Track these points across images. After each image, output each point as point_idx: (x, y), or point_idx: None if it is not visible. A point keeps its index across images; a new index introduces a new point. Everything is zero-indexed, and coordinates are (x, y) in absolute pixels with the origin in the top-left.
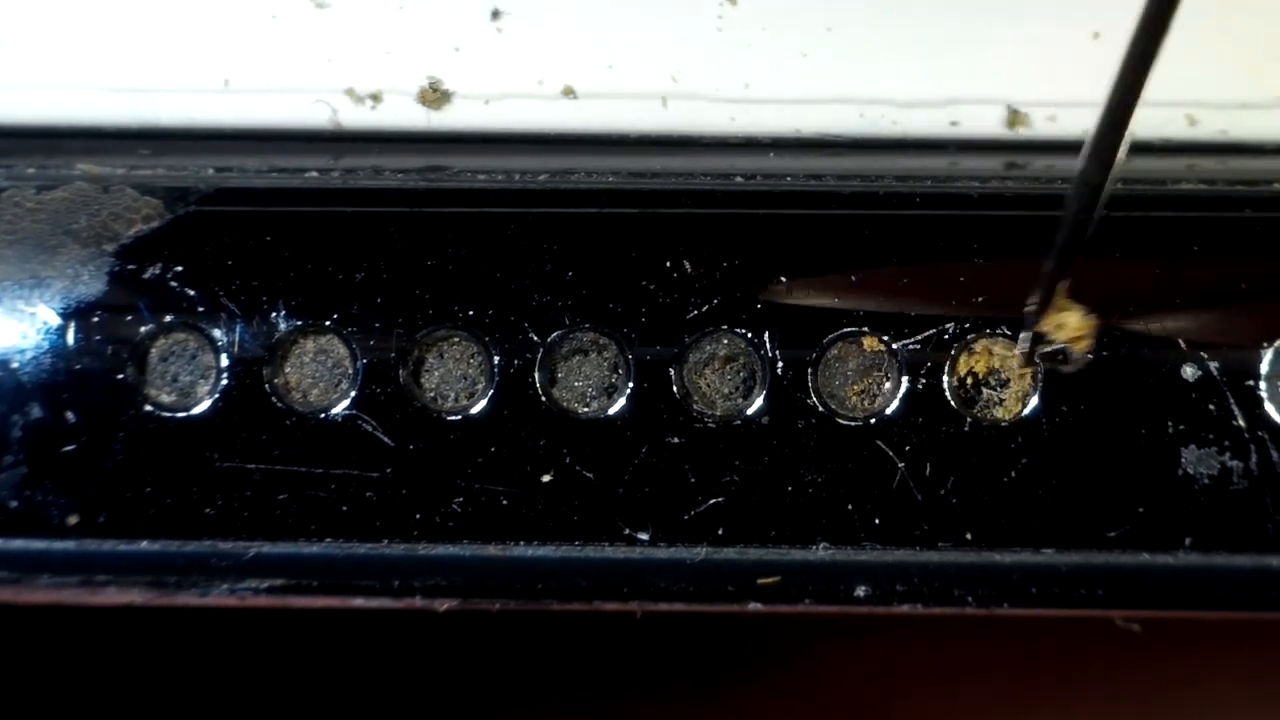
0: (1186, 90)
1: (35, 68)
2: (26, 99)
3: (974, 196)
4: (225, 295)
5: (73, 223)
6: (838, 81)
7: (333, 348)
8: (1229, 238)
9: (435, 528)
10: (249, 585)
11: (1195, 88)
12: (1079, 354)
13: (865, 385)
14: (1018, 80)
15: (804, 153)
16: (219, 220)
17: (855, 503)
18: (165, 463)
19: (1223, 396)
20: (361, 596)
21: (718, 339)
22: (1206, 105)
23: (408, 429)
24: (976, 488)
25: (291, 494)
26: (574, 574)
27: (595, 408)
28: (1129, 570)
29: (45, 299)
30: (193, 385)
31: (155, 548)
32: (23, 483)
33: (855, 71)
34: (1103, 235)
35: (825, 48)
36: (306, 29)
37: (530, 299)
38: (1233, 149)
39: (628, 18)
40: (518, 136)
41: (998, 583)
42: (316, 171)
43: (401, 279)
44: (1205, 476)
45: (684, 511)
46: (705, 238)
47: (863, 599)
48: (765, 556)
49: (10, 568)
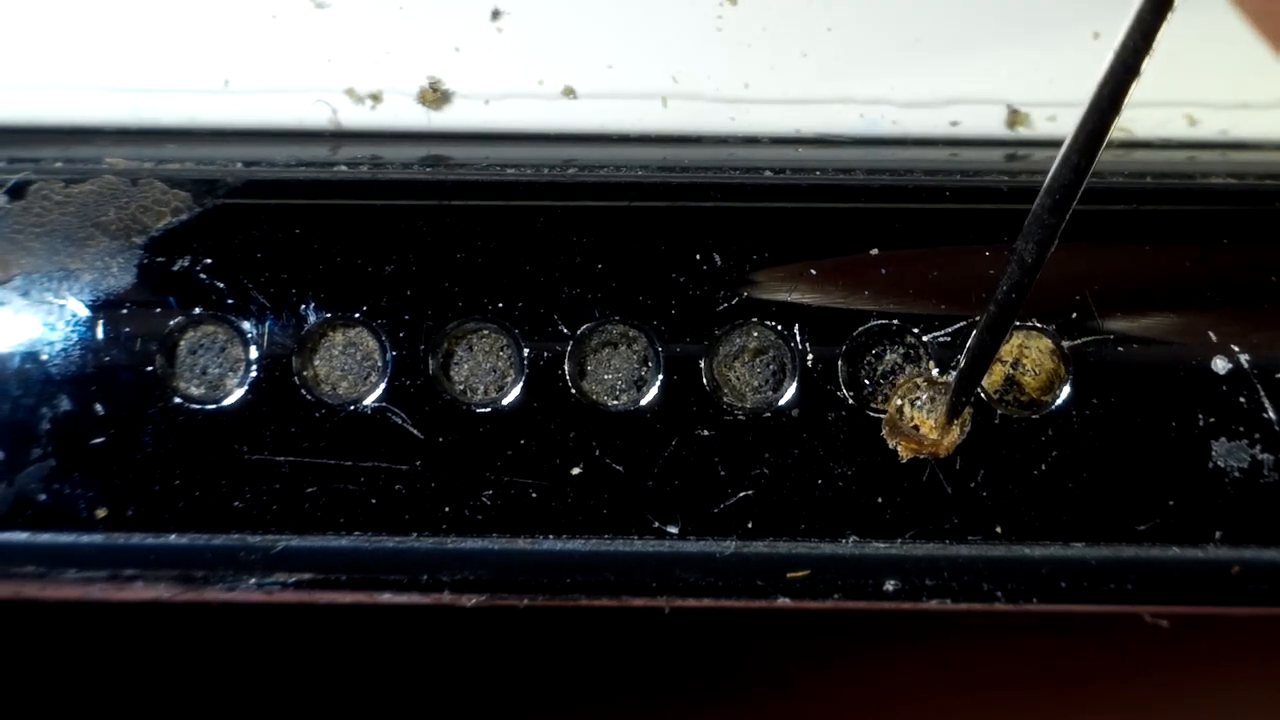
0: (1186, 90)
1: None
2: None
3: (1004, 190)
4: (254, 288)
5: (101, 215)
6: (838, 81)
7: (362, 340)
8: (1260, 230)
9: (464, 521)
10: (277, 579)
11: (1195, 88)
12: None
13: (895, 378)
14: (1018, 80)
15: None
16: (248, 213)
17: (885, 496)
18: (194, 456)
19: (1253, 389)
20: (390, 591)
21: (748, 331)
22: (1207, 105)
23: (437, 422)
24: (1007, 481)
25: (320, 487)
26: (603, 568)
27: (625, 400)
28: (1159, 564)
29: (74, 291)
30: (222, 378)
31: (183, 541)
32: (51, 476)
33: (855, 71)
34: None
35: (825, 48)
36: (306, 29)
37: (560, 292)
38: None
39: (628, 18)
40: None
41: (1027, 577)
42: (345, 165)
43: (431, 271)
44: (1236, 469)
45: (713, 505)
46: (735, 230)
47: (892, 593)
48: (795, 550)
49: (38, 562)
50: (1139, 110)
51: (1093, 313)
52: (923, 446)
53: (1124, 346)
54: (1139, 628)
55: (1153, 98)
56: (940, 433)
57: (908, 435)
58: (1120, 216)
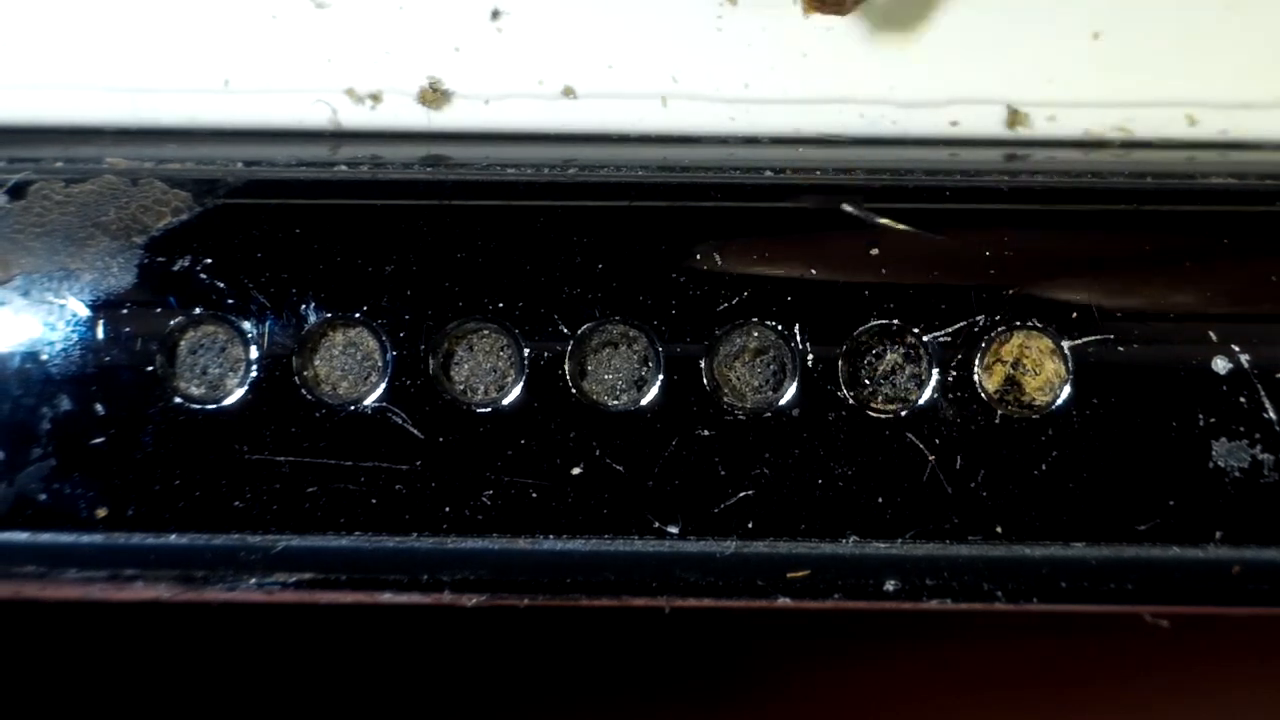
0: (1186, 90)
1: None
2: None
3: (1004, 190)
4: (255, 288)
5: (101, 215)
6: (838, 81)
7: (362, 340)
8: (1260, 230)
9: (464, 521)
10: (277, 579)
11: (1195, 88)
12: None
13: (895, 378)
14: (1018, 80)
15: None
16: (248, 213)
17: (885, 496)
18: (194, 456)
19: (1254, 389)
20: (390, 591)
21: (748, 331)
22: (1206, 105)
23: (437, 422)
24: (1007, 481)
25: (320, 487)
26: (603, 568)
27: (625, 400)
28: (1159, 564)
29: (74, 291)
30: (222, 378)
31: (184, 541)
32: (51, 476)
33: (855, 71)
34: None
35: (825, 48)
36: (306, 29)
37: (560, 292)
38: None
39: (628, 18)
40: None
41: (1028, 577)
42: (345, 165)
43: (431, 271)
44: (1236, 469)
45: (714, 505)
46: (734, 230)
47: (892, 593)
48: (795, 550)
49: (38, 562)
50: (1139, 110)
51: (1093, 313)
52: (826, 4)
53: (1124, 346)
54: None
55: (1153, 98)
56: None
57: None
58: (1120, 216)
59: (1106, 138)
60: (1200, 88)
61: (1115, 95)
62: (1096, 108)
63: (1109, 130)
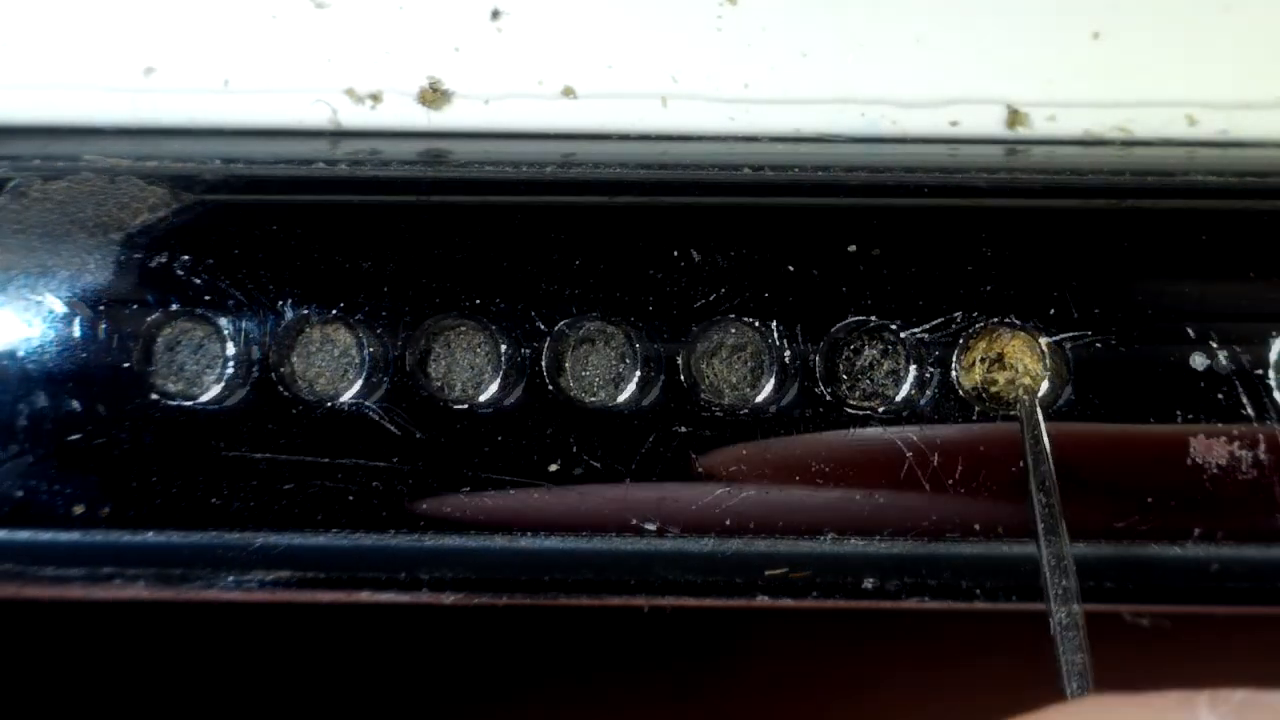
0: (1186, 90)
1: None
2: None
3: (982, 187)
4: (231, 284)
5: (79, 212)
6: (838, 81)
7: (339, 337)
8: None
9: (442, 518)
10: (254, 577)
11: (1195, 88)
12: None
13: (873, 374)
14: (1018, 80)
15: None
16: (225, 209)
17: (863, 493)
18: (171, 452)
19: (1232, 385)
20: (368, 589)
21: (725, 328)
22: (1206, 105)
23: (414, 418)
24: (983, 478)
25: (298, 484)
26: (581, 566)
27: (603, 397)
28: (1137, 562)
29: (52, 288)
30: (199, 374)
31: (161, 539)
32: (27, 472)
33: (855, 71)
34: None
35: (825, 48)
36: (306, 29)
37: (537, 288)
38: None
39: (628, 18)
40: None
41: (1006, 575)
42: (323, 162)
43: (408, 268)
44: (1214, 466)
45: (691, 502)
46: (713, 227)
47: (870, 591)
48: (773, 548)
49: (14, 560)
50: (1139, 110)
51: (1078, 310)
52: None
53: (1108, 344)
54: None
55: (1153, 98)
56: None
57: None
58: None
59: (1106, 137)
60: (1200, 88)
61: (1115, 95)
62: (1096, 108)
63: (1109, 130)
